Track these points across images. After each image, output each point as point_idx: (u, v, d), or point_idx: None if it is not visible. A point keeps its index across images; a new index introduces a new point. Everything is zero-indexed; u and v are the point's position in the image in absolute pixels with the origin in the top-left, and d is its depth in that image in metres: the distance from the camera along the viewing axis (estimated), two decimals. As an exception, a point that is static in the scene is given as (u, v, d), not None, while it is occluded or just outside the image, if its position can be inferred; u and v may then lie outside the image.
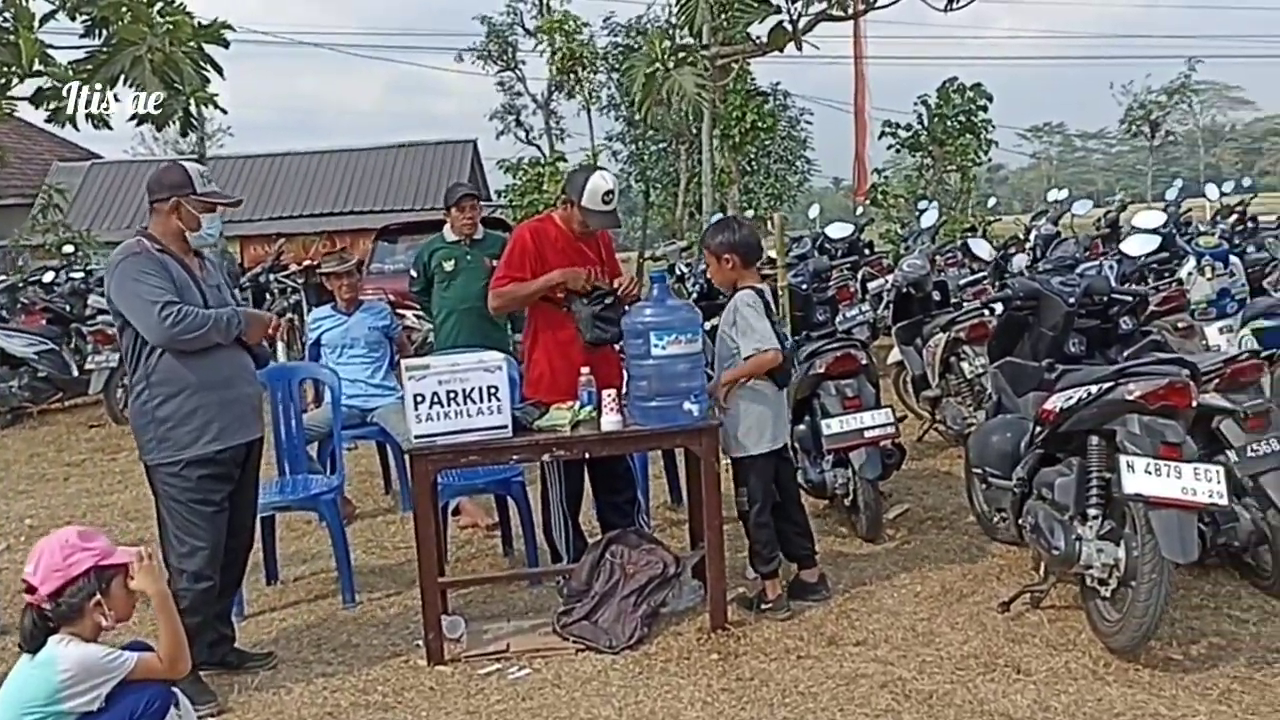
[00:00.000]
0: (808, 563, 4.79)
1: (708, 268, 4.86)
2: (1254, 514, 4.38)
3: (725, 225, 4.75)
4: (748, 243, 4.65)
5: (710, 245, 4.67)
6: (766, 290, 4.72)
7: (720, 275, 4.71)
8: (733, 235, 4.63)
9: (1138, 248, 5.99)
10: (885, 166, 19.60)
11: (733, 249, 4.59)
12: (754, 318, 4.48)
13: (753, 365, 4.49)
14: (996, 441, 4.87)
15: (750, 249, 4.67)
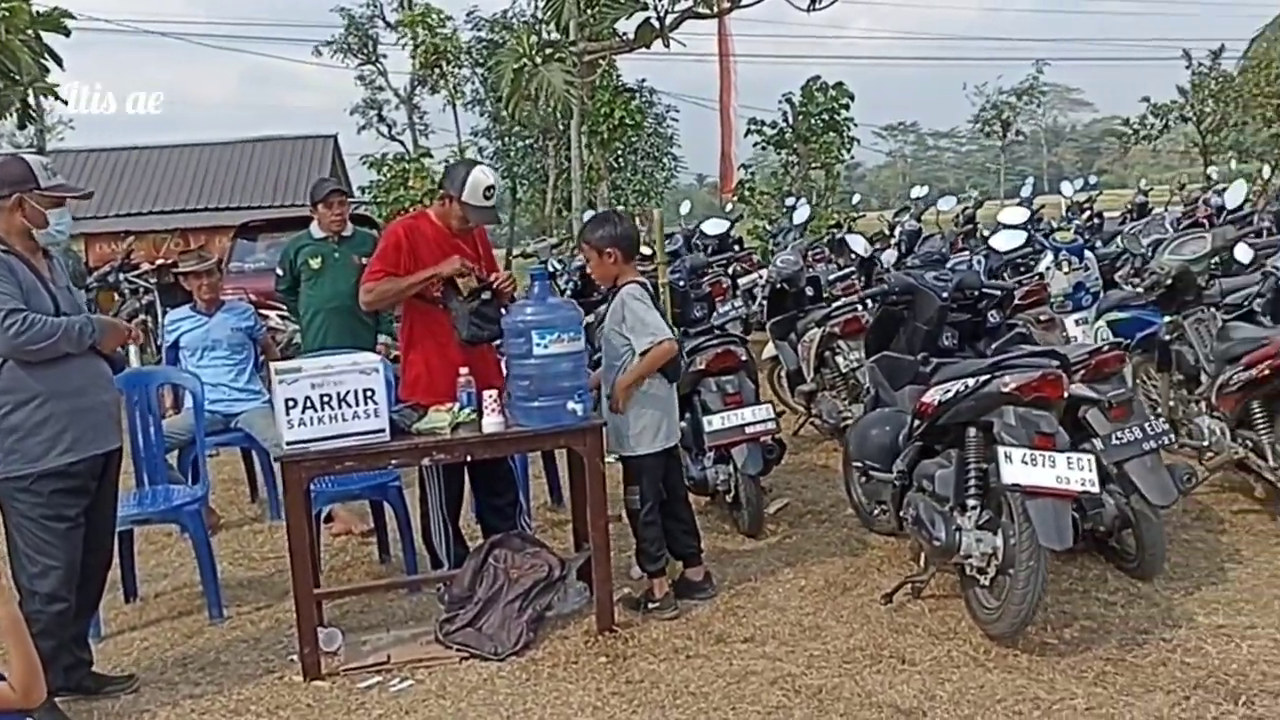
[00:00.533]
0: (693, 561, 4.77)
1: (587, 263, 4.78)
2: (1118, 500, 4.53)
3: (606, 219, 4.68)
4: (629, 236, 4.60)
5: (591, 240, 4.59)
6: (648, 284, 4.68)
7: (601, 270, 4.64)
8: (614, 229, 4.57)
9: (1005, 243, 6.19)
10: (750, 163, 19.89)
11: (615, 243, 4.53)
12: (644, 311, 4.43)
13: (651, 359, 4.43)
14: (875, 435, 4.93)
15: (632, 243, 4.63)
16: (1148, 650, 4.00)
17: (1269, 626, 4.12)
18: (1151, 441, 4.51)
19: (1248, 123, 20.21)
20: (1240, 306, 5.81)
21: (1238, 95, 19.76)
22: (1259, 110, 19.56)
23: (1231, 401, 5.30)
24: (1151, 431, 4.53)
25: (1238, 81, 20.09)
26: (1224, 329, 5.61)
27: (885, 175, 79.44)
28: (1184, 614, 4.29)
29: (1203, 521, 5.33)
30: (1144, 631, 4.16)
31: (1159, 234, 7.41)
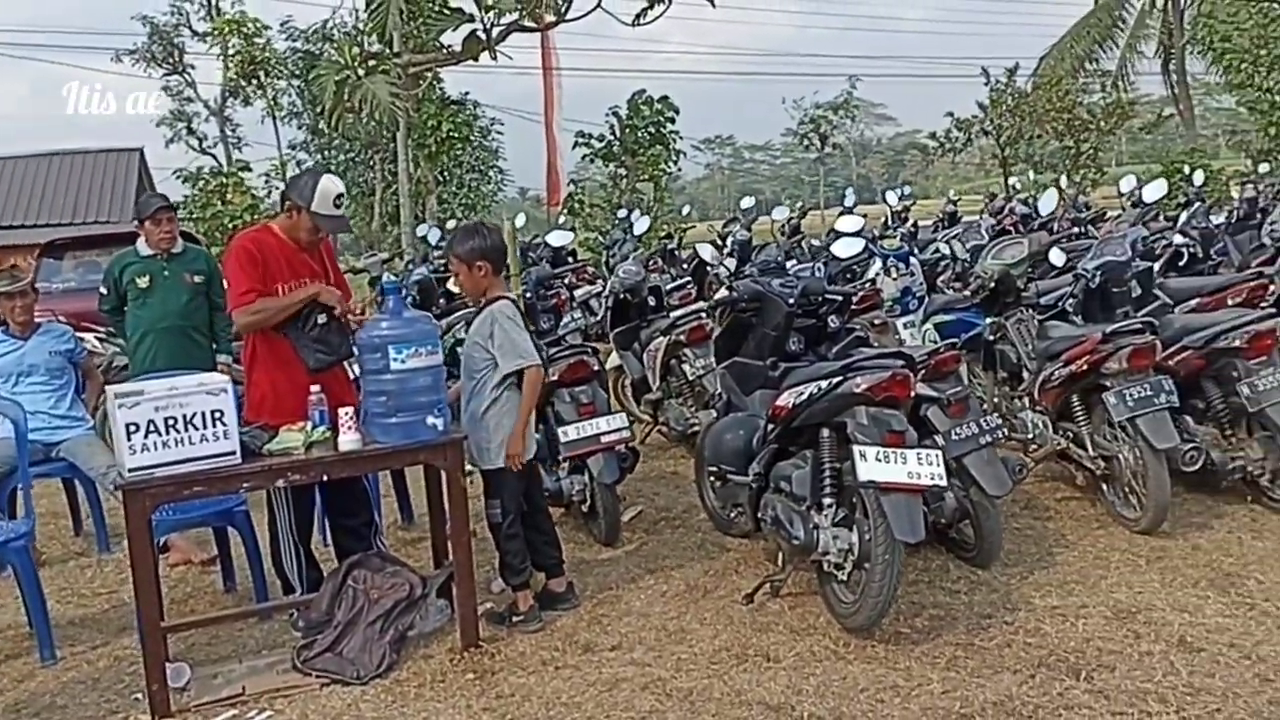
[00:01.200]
0: (556, 572, 4.76)
1: (455, 276, 4.71)
2: (958, 492, 4.76)
3: (475, 231, 4.61)
4: (499, 249, 4.56)
5: (460, 253, 4.51)
6: (518, 302, 4.65)
7: (471, 284, 4.57)
8: (485, 241, 4.51)
9: (845, 250, 6.42)
10: (577, 176, 20.00)
11: (485, 256, 4.48)
12: (515, 332, 4.39)
13: (530, 392, 4.42)
14: (730, 439, 5.03)
15: (502, 255, 4.59)
16: (993, 634, 4.22)
17: (1099, 605, 4.41)
18: (987, 436, 4.76)
19: (1041, 136, 21.56)
20: (1054, 307, 6.21)
21: (1031, 110, 21.06)
22: (1050, 124, 20.92)
23: (1052, 396, 5.65)
24: (987, 426, 4.79)
25: (1031, 98, 21.43)
26: (1042, 328, 5.99)
27: (705, 187, 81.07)
28: (1022, 598, 4.54)
29: (1031, 510, 5.65)
30: (988, 616, 4.38)
31: (977, 240, 7.81)
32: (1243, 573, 4.61)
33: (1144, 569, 4.77)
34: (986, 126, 21.78)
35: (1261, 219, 9.37)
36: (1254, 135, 21.23)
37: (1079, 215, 11.78)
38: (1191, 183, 12.12)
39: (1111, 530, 5.27)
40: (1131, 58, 29.69)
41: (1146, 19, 29.35)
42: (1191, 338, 5.44)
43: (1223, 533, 5.12)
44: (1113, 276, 6.08)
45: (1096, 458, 5.41)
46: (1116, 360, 5.17)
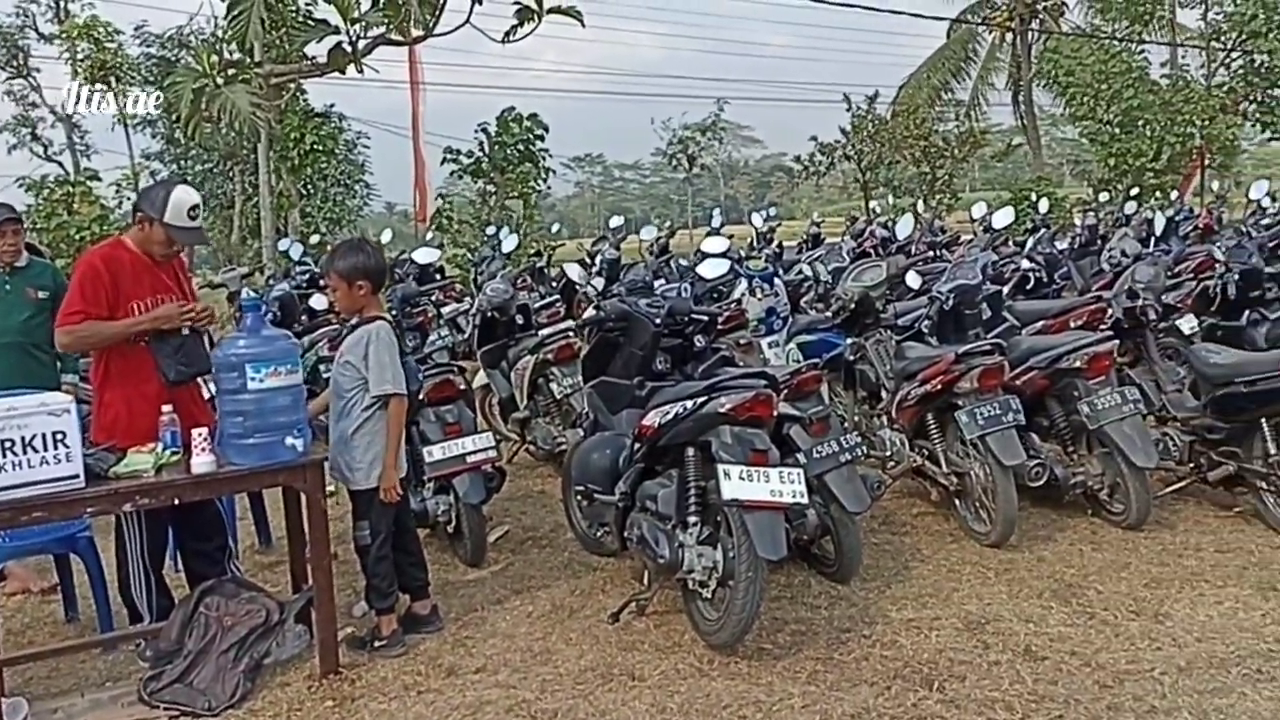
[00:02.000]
0: (421, 594, 4.68)
1: (332, 292, 4.59)
2: (819, 509, 4.88)
3: (357, 248, 4.51)
4: (380, 268, 4.47)
5: (340, 269, 4.39)
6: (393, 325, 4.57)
7: (349, 302, 4.46)
8: (367, 259, 4.41)
9: (712, 271, 6.51)
10: (445, 192, 19.81)
11: (367, 274, 4.39)
12: (388, 357, 4.31)
13: (395, 422, 4.35)
14: (597, 458, 5.04)
15: (383, 274, 4.50)
16: (851, 647, 4.32)
17: (951, 617, 4.56)
18: (847, 454, 4.89)
19: (899, 161, 22.33)
20: (911, 328, 6.42)
21: (890, 137, 21.80)
22: (908, 150, 21.69)
23: (909, 414, 5.84)
24: (847, 445, 4.92)
25: (890, 125, 22.18)
26: (899, 349, 6.18)
27: (575, 205, 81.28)
28: (879, 611, 4.67)
29: (889, 525, 5.82)
30: (847, 630, 4.49)
31: (838, 263, 8.04)
32: (1083, 583, 4.84)
33: (993, 581, 4.95)
34: (848, 151, 22.45)
35: (1101, 245, 9.90)
36: (1095, 165, 22.41)
37: (935, 239, 12.25)
38: (1037, 210, 12.72)
39: (964, 544, 5.47)
40: (983, 89, 31.01)
41: (997, 52, 30.70)
42: (1036, 359, 5.70)
43: (1065, 545, 5.36)
44: (965, 299, 6.32)
45: (949, 474, 5.61)
46: (968, 380, 5.38)
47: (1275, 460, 5.25)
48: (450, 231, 17.17)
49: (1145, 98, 20.44)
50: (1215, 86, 21.37)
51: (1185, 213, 13.35)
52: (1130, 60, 21.15)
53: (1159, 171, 20.10)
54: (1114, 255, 8.44)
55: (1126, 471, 5.38)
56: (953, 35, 30.33)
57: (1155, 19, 22.03)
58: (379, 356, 4.29)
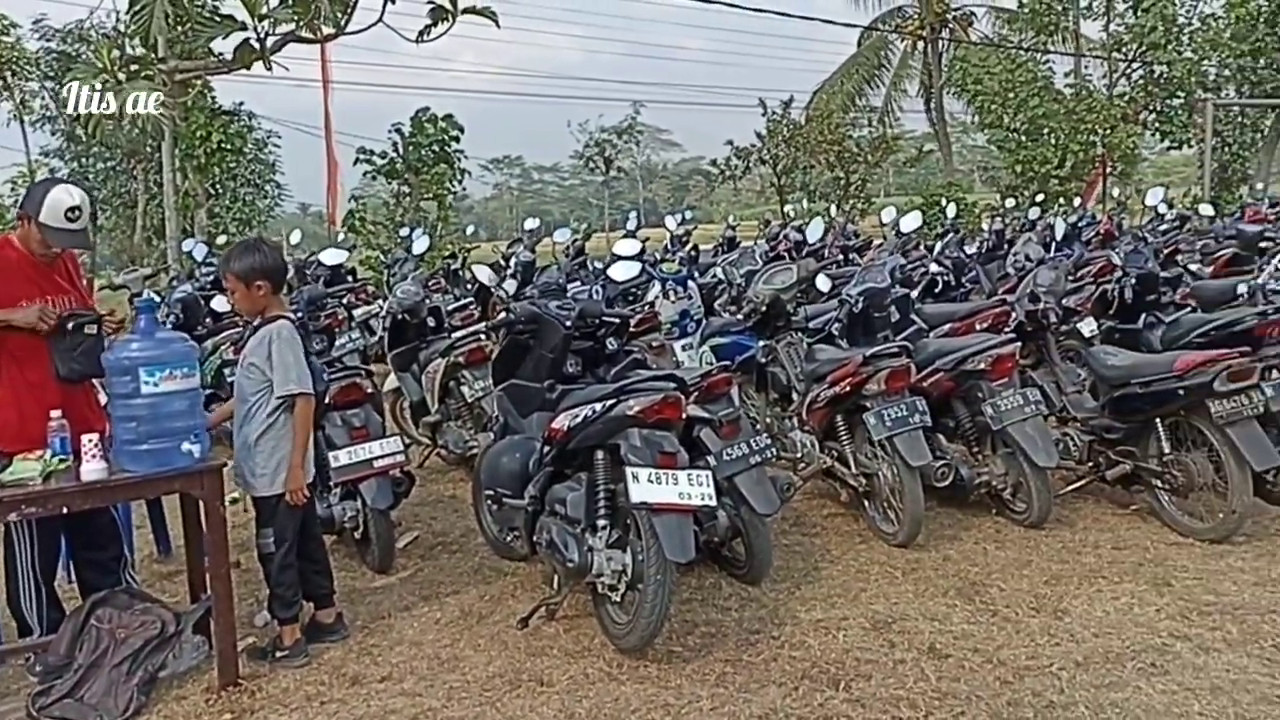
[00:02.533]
0: (326, 602, 4.59)
1: (231, 294, 4.47)
2: (729, 511, 4.89)
3: (254, 248, 4.38)
4: (279, 267, 4.36)
5: (237, 270, 4.27)
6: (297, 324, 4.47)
7: (249, 303, 4.34)
8: (264, 259, 4.30)
9: (622, 274, 6.50)
10: (360, 193, 19.52)
11: (265, 274, 4.27)
12: (291, 356, 4.20)
13: (301, 423, 4.25)
14: (506, 462, 4.99)
15: (281, 273, 4.38)
16: (760, 649, 4.34)
17: (859, 616, 4.61)
18: (757, 456, 4.91)
19: (814, 166, 22.60)
20: (822, 330, 6.49)
21: (805, 141, 22.05)
22: (823, 155, 21.95)
23: (819, 416, 5.89)
24: (757, 447, 4.94)
25: (805, 129, 22.44)
26: (810, 351, 6.24)
27: (493, 207, 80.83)
28: (789, 612, 4.69)
29: (800, 527, 5.87)
30: (756, 632, 4.50)
31: (751, 266, 8.09)
32: (987, 581, 4.93)
33: (900, 580, 5.02)
34: (764, 155, 22.64)
35: (1008, 249, 10.11)
36: (1003, 172, 22.93)
37: (847, 243, 12.41)
38: (945, 215, 12.96)
39: (872, 544, 5.53)
40: (896, 96, 31.60)
41: (909, 60, 31.30)
42: (942, 361, 5.79)
43: (970, 544, 5.46)
44: (874, 302, 6.41)
45: (858, 475, 5.67)
46: (875, 382, 5.44)
47: (1169, 459, 5.40)
48: (363, 233, 16.91)
49: (1050, 107, 20.98)
50: (1116, 96, 22.00)
51: (1088, 219, 13.74)
52: (1036, 70, 21.71)
53: (1063, 178, 20.64)
54: (1018, 260, 8.62)
55: (1029, 471, 5.49)
56: (864, 43, 30.81)
57: (1060, 30, 22.61)
58: (282, 356, 4.19)
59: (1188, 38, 21.27)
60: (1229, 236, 10.63)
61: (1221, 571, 4.89)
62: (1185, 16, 21.30)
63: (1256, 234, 9.69)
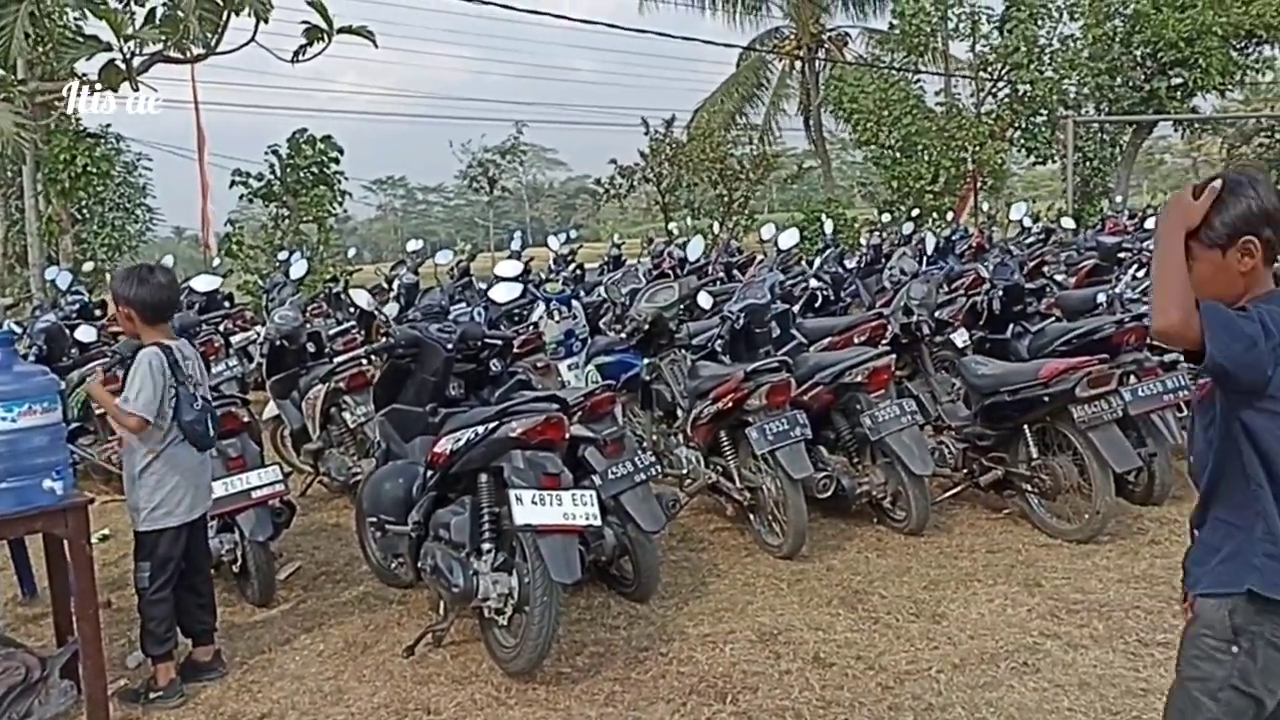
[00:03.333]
0: (205, 639, 4.46)
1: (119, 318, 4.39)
2: (616, 530, 4.91)
3: (130, 275, 4.27)
4: (147, 300, 4.19)
5: (116, 294, 4.27)
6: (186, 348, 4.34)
7: (127, 328, 4.34)
8: (134, 288, 4.19)
9: (503, 295, 6.47)
10: (237, 217, 19.03)
11: (129, 303, 4.18)
12: (142, 378, 4.07)
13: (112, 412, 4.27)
14: (389, 488, 4.92)
15: (149, 304, 4.21)
16: (649, 666, 4.36)
17: (745, 629, 4.66)
18: (642, 474, 4.94)
19: (697, 184, 22.84)
20: (705, 347, 6.56)
21: (688, 160, 22.28)
22: (705, 173, 22.20)
23: (703, 432, 5.95)
24: (642, 464, 4.97)
25: (687, 148, 22.67)
26: (693, 368, 6.31)
27: (377, 228, 79.67)
28: (677, 628, 4.72)
29: (687, 542, 5.91)
30: (644, 649, 4.52)
31: (634, 284, 8.14)
32: (869, 589, 5.04)
33: (785, 592, 5.10)
34: (648, 174, 22.79)
35: (885, 263, 10.38)
36: (881, 187, 23.53)
37: (730, 260, 12.58)
38: (824, 231, 13.25)
39: (758, 557, 5.61)
40: (776, 114, 32.18)
41: (787, 79, 31.89)
42: (822, 374, 5.92)
43: (853, 553, 5.58)
44: (755, 318, 6.51)
45: (743, 489, 5.75)
46: (757, 397, 5.53)
47: (1037, 464, 5.61)
48: (240, 257, 16.47)
49: (922, 124, 21.58)
50: (984, 114, 22.75)
51: (961, 232, 14.18)
52: (908, 89, 22.33)
53: (937, 194, 21.24)
54: (894, 273, 8.87)
55: (906, 480, 5.64)
56: (743, 63, 31.32)
57: (930, 50, 23.32)
58: (132, 378, 4.13)
59: (1049, 58, 22.13)
60: (1090, 248, 11.10)
61: (1088, 570, 5.09)
62: (1046, 38, 22.14)
63: (1115, 245, 10.14)
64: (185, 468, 4.25)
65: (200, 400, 4.30)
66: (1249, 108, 32.73)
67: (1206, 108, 28.72)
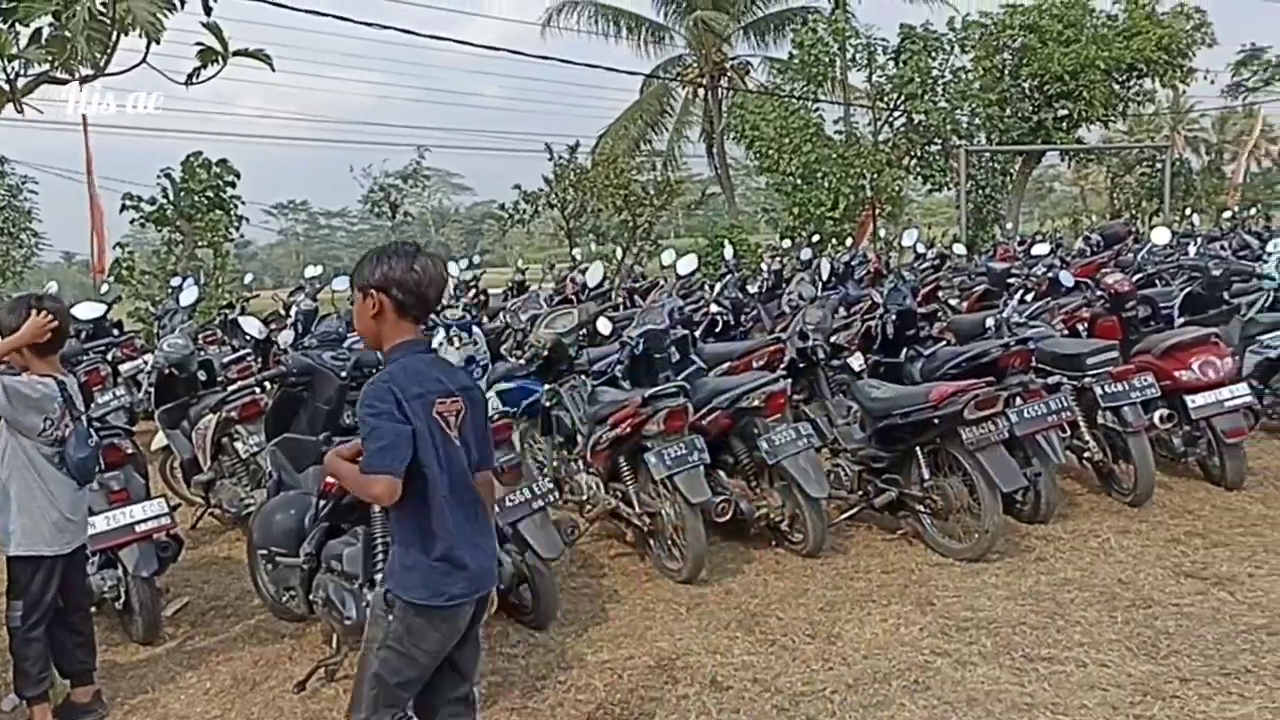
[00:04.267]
0: (84, 679, 4.30)
1: None
2: (515, 558, 4.87)
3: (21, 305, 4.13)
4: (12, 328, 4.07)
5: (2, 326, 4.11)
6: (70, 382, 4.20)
7: (16, 361, 4.13)
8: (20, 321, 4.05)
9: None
10: (129, 241, 18.50)
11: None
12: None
13: None
14: (281, 519, 4.82)
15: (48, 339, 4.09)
16: (547, 694, 4.33)
17: (644, 655, 4.66)
18: (540, 501, 4.93)
19: (602, 209, 22.93)
20: (605, 373, 6.58)
21: (592, 185, 22.37)
22: (610, 199, 22.31)
23: (602, 457, 5.95)
24: (539, 491, 4.95)
25: (591, 174, 22.76)
26: (593, 393, 6.31)
27: (279, 254, 78.17)
28: (575, 655, 4.70)
29: (587, 568, 5.90)
30: (543, 677, 4.50)
31: (536, 310, 8.12)
32: (766, 611, 5.08)
33: (684, 616, 5.11)
34: (552, 199, 22.81)
35: (786, 288, 10.54)
36: (783, 214, 23.88)
37: (634, 285, 12.65)
38: (725, 257, 13.42)
39: (658, 582, 5.62)
40: (679, 141, 32.51)
41: (690, 107, 32.28)
42: (719, 399, 5.97)
43: (752, 576, 5.62)
44: (654, 343, 6.55)
45: (643, 514, 5.75)
46: (655, 422, 5.55)
47: (929, 485, 5.73)
48: (132, 283, 16.00)
49: (822, 151, 22.00)
50: (881, 142, 23.32)
51: (860, 258, 14.47)
52: (808, 117, 22.75)
53: (837, 220, 21.65)
54: (793, 298, 9.00)
55: (803, 502, 5.71)
56: (647, 90, 31.60)
57: (829, 80, 23.81)
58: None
59: (942, 89, 22.78)
60: (980, 273, 11.43)
61: (978, 588, 5.21)
62: (939, 69, 22.80)
63: (1004, 271, 10.44)
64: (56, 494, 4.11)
65: (94, 437, 4.18)
66: (1132, 138, 34.07)
67: (1092, 138, 29.91)
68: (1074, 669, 4.24)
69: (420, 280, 2.90)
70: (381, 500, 2.89)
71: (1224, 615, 4.68)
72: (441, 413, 2.89)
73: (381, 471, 2.78)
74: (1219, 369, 6.46)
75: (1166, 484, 6.55)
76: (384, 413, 2.78)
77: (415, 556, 2.92)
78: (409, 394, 2.82)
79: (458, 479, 2.93)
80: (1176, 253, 11.13)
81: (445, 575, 2.92)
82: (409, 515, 2.91)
